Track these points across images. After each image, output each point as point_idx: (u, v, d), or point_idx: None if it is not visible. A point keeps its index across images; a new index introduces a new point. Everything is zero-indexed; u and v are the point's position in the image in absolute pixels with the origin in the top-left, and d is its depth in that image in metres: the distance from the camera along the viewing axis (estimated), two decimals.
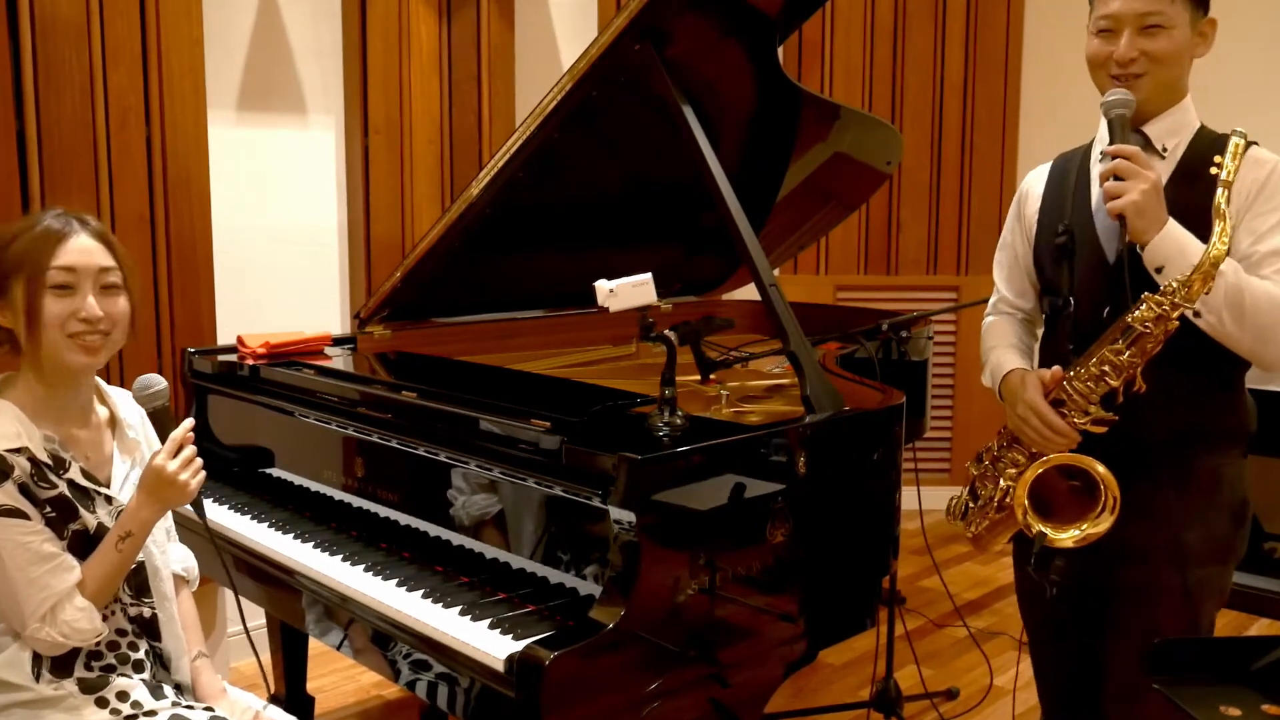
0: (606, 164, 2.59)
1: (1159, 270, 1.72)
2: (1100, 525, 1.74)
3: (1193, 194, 1.77)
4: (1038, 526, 1.76)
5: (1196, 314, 1.72)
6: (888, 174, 3.14)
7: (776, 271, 2.90)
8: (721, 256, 3.13)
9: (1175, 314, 1.67)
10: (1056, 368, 1.80)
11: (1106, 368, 1.72)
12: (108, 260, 1.73)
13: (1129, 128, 1.78)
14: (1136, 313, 1.69)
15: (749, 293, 2.96)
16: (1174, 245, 1.70)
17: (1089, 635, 1.99)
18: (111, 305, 1.73)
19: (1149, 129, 1.84)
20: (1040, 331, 2.09)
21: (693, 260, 3.13)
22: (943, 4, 4.88)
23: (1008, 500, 1.86)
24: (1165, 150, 1.83)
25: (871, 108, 4.88)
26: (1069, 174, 1.97)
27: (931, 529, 3.06)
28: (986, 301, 2.18)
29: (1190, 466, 1.84)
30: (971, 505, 1.98)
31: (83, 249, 1.70)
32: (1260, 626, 3.68)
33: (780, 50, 2.61)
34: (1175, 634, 1.83)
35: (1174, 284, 1.67)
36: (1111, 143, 1.76)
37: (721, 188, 2.06)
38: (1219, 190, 1.70)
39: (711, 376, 2.09)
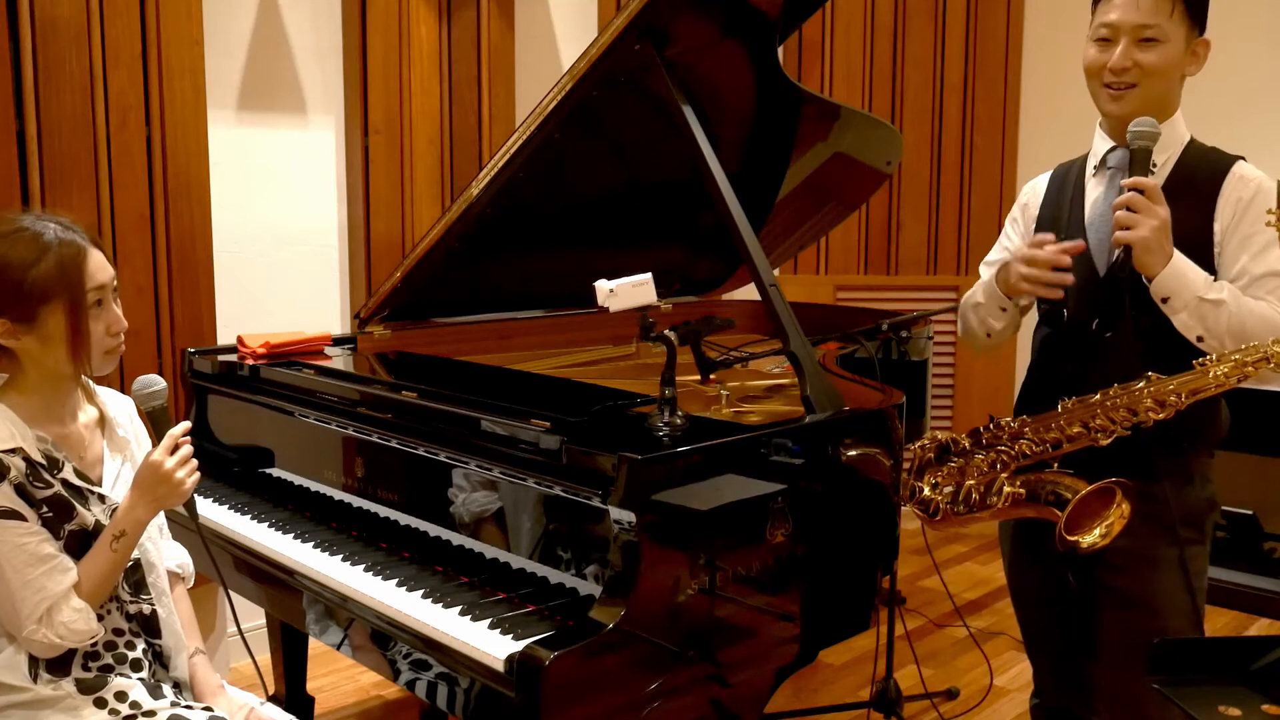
0: (607, 164, 2.59)
1: (1165, 301, 1.81)
2: (1113, 528, 1.82)
3: (1180, 208, 1.83)
4: (1070, 538, 1.83)
5: (1200, 339, 1.81)
6: (888, 174, 3.13)
7: (776, 271, 2.89)
8: (722, 257, 3.13)
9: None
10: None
11: (1150, 402, 1.78)
12: (111, 268, 1.75)
13: (1149, 160, 1.83)
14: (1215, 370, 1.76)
15: (749, 293, 2.95)
16: (1178, 279, 1.79)
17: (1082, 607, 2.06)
18: (121, 311, 1.77)
19: None
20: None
21: (693, 260, 3.13)
22: (943, 4, 4.88)
23: (995, 502, 1.92)
24: (1155, 165, 1.89)
25: (871, 108, 4.87)
26: (1066, 186, 2.04)
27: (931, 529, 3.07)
28: None
29: (1171, 464, 1.90)
30: (933, 496, 2.03)
31: (100, 264, 1.72)
32: (1260, 626, 3.68)
33: (780, 50, 2.60)
34: (1173, 601, 1.92)
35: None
36: (1131, 174, 1.81)
37: (721, 188, 2.06)
38: None
39: (711, 376, 2.10)
